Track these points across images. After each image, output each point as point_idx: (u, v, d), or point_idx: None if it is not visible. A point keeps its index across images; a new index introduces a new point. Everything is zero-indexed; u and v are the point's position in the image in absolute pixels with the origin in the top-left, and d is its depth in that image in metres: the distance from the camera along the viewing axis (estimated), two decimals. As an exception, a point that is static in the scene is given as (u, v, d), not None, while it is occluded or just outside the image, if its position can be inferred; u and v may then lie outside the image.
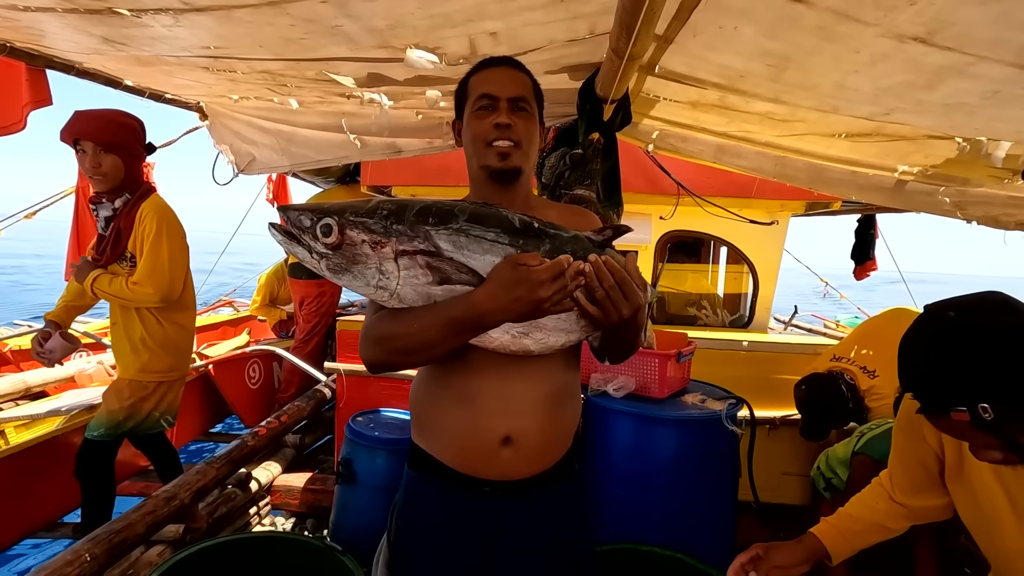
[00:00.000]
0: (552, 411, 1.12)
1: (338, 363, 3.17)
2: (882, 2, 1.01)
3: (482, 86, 1.14)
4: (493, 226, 0.91)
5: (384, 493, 2.56)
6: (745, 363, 2.99)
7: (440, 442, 1.13)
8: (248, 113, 2.83)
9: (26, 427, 2.60)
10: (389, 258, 0.89)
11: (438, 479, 1.13)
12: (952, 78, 1.25)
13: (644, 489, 2.08)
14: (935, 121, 1.60)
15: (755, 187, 3.30)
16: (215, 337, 5.65)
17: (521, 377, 1.08)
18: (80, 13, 1.20)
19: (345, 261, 0.90)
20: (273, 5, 1.15)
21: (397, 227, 0.89)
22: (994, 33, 1.02)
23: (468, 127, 1.17)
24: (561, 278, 0.89)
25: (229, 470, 2.64)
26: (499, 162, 1.13)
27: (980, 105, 1.34)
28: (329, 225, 0.89)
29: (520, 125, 1.13)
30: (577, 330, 1.00)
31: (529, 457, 1.11)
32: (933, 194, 2.37)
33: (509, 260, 0.90)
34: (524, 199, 1.22)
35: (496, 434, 1.07)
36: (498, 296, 0.89)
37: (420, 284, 0.91)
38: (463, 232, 0.89)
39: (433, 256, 0.90)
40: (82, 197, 3.34)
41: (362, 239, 0.89)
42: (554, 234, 0.95)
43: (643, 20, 1.17)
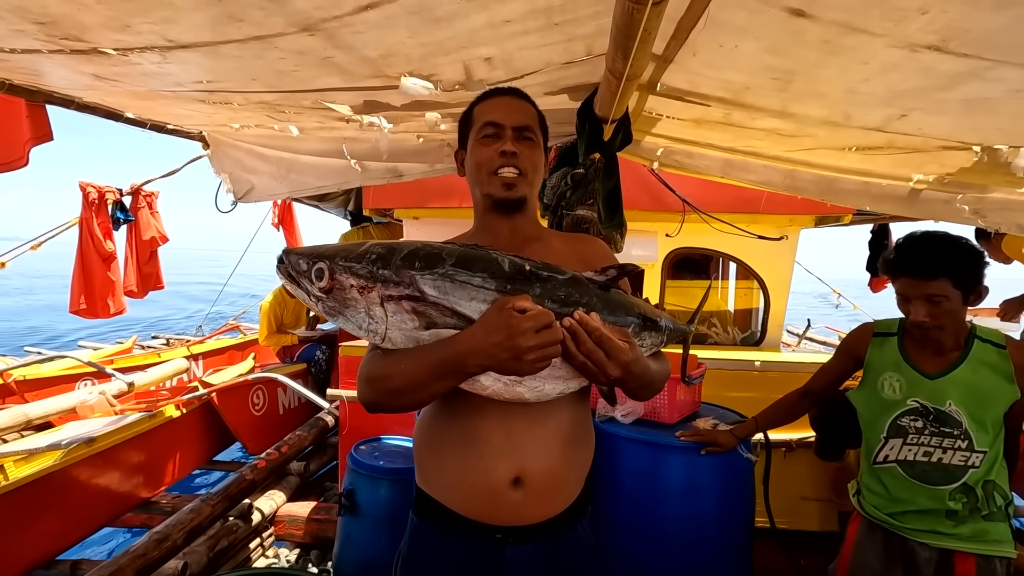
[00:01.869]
0: (562, 450, 1.08)
1: (341, 389, 3.12)
2: (890, 13, 0.96)
3: (487, 114, 1.14)
4: (480, 270, 0.89)
5: (388, 524, 2.50)
6: (758, 384, 2.91)
7: (446, 487, 1.09)
8: (249, 141, 2.82)
9: (25, 461, 2.57)
10: (376, 303, 0.89)
11: (445, 527, 1.09)
12: (970, 82, 1.19)
13: (656, 518, 2.00)
14: (955, 121, 1.53)
15: (763, 202, 3.24)
16: (221, 362, 5.65)
17: (526, 415, 1.04)
18: (67, 54, 1.18)
19: (338, 304, 0.91)
20: (260, 40, 1.13)
21: (383, 272, 0.88)
22: (1011, 37, 0.98)
23: (472, 155, 1.16)
24: (548, 331, 0.85)
25: (225, 507, 2.58)
26: (503, 191, 1.12)
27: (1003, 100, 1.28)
28: (322, 269, 0.91)
29: (525, 154, 1.12)
30: (574, 377, 0.97)
31: (540, 500, 1.06)
32: (951, 202, 2.30)
33: (497, 303, 0.87)
34: (528, 227, 1.20)
35: (504, 474, 1.03)
36: (478, 339, 0.87)
37: (407, 328, 0.90)
38: (448, 277, 0.88)
39: (418, 301, 0.89)
40: (86, 228, 3.34)
41: (350, 284, 0.90)
42: (547, 277, 0.93)
43: (639, 41, 1.13)
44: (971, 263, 1.54)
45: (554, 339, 0.86)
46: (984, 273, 1.56)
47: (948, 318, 1.55)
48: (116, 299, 3.43)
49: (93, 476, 2.86)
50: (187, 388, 3.91)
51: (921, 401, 1.62)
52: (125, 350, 5.74)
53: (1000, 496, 1.57)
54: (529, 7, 1.15)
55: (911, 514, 1.62)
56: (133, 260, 3.88)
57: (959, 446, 1.56)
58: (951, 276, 1.52)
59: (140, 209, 3.79)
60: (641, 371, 0.96)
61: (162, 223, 4.09)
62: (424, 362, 0.91)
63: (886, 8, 0.93)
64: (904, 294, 1.61)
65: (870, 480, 1.73)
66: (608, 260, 1.22)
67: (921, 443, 1.61)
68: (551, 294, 0.91)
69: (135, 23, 1.03)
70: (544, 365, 0.87)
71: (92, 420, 3.18)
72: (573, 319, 0.88)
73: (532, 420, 1.04)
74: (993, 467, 1.56)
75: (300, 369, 4.96)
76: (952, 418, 1.57)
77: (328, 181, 2.86)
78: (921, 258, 1.56)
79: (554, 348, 0.86)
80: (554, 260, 1.12)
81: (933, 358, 1.64)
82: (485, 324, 0.87)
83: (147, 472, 3.25)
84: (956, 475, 1.57)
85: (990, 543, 1.55)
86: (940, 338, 1.60)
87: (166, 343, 6.41)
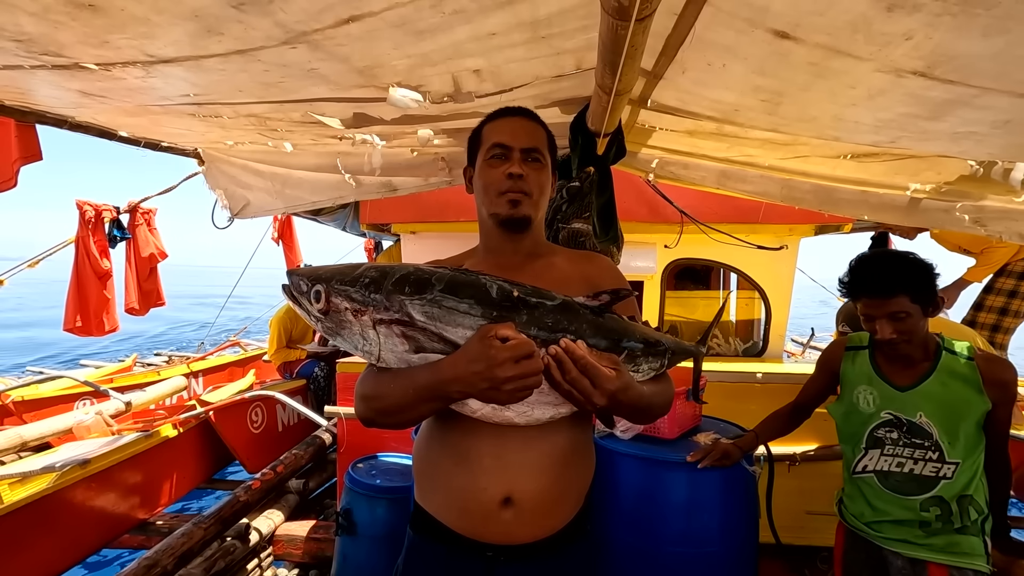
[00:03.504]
0: (555, 471, 1.06)
1: (338, 407, 3.09)
2: (875, 38, 0.95)
3: (496, 135, 1.16)
4: (467, 296, 0.90)
5: (386, 544, 2.45)
6: (760, 396, 2.86)
7: (441, 503, 1.10)
8: (243, 157, 2.82)
9: (20, 484, 2.54)
10: (369, 326, 0.91)
11: (439, 543, 1.09)
12: (958, 109, 1.18)
13: (657, 536, 1.95)
14: (943, 147, 1.53)
15: (762, 212, 3.21)
16: (222, 379, 5.62)
17: (519, 436, 1.03)
18: (49, 69, 1.18)
19: (334, 325, 0.94)
20: (242, 53, 1.12)
21: (375, 296, 0.90)
22: (998, 66, 0.96)
23: (480, 175, 1.18)
24: (528, 361, 0.85)
25: (218, 529, 2.54)
26: (509, 210, 1.13)
27: (991, 134, 1.27)
28: (319, 292, 0.93)
29: (532, 176, 1.13)
30: (564, 403, 0.96)
31: (532, 520, 1.05)
32: (950, 211, 2.27)
33: (480, 331, 0.88)
34: (533, 246, 1.21)
35: (494, 495, 1.03)
36: (459, 367, 0.87)
37: (399, 351, 0.92)
38: (436, 303, 0.89)
39: (407, 326, 0.90)
40: (82, 246, 3.34)
41: (344, 307, 0.92)
42: (536, 303, 0.93)
43: (626, 57, 1.12)
44: (925, 277, 1.60)
45: (533, 369, 0.86)
46: (937, 284, 1.62)
47: (913, 332, 1.60)
48: (110, 317, 3.42)
49: (88, 498, 2.82)
50: (185, 407, 3.88)
51: (894, 413, 1.68)
52: (125, 368, 5.73)
53: (975, 511, 1.60)
54: (514, 20, 1.14)
55: (887, 523, 1.68)
56: (133, 278, 3.88)
57: (930, 457, 1.61)
58: (908, 292, 1.58)
59: (138, 226, 3.80)
60: (633, 398, 0.95)
61: (161, 240, 4.09)
62: (410, 385, 0.92)
63: (870, 33, 0.92)
64: (867, 314, 1.65)
65: (851, 489, 1.80)
66: (614, 277, 1.22)
67: (895, 454, 1.67)
68: (539, 321, 0.91)
69: (112, 39, 1.02)
70: (524, 395, 0.88)
71: (89, 441, 3.15)
72: (559, 347, 0.88)
73: (525, 441, 1.04)
74: (971, 482, 1.61)
75: (299, 385, 4.92)
76: (923, 430, 1.63)
77: (323, 196, 2.85)
78: (878, 278, 1.62)
79: (534, 378, 0.86)
80: (557, 279, 1.14)
81: (904, 370, 1.69)
82: (466, 352, 0.87)
83: (144, 493, 3.21)
84: (927, 485, 1.61)
85: (962, 555, 1.59)
86: (909, 352, 1.66)
87: (167, 360, 6.39)
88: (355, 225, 4.71)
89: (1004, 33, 0.85)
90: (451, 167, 2.52)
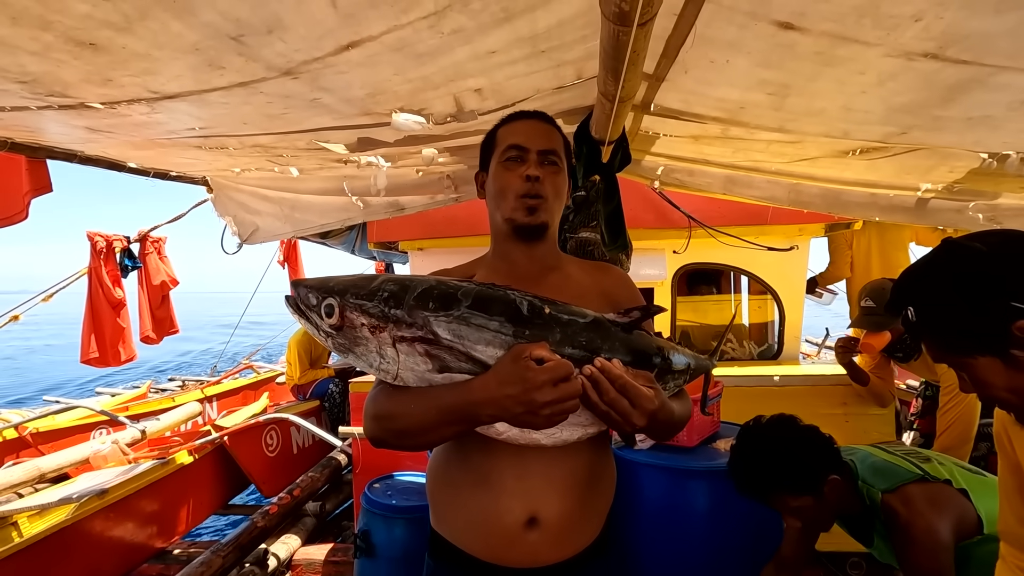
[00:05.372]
0: (580, 489, 1.03)
1: (352, 427, 3.07)
2: (882, 21, 0.93)
3: (511, 137, 1.11)
4: (497, 313, 0.84)
5: (405, 565, 2.42)
6: (779, 398, 2.81)
7: (460, 529, 1.06)
8: (251, 183, 2.85)
9: (39, 516, 2.54)
10: (388, 343, 0.85)
11: (461, 570, 1.05)
12: (972, 91, 1.15)
13: (680, 547, 1.91)
14: (957, 137, 1.49)
15: (770, 213, 3.18)
16: (236, 403, 5.63)
17: (542, 456, 0.99)
18: (55, 110, 1.19)
19: (348, 342, 0.88)
20: (244, 86, 1.13)
21: (395, 312, 0.84)
22: (1014, 42, 0.93)
23: (495, 179, 1.12)
24: (566, 384, 0.80)
25: (237, 556, 2.52)
26: (525, 216, 1.07)
27: (1006, 117, 1.24)
28: (331, 306, 0.87)
29: (549, 179, 1.09)
30: (594, 423, 0.92)
31: (556, 540, 1.02)
32: (963, 210, 2.24)
33: (513, 351, 0.82)
34: (548, 256, 1.16)
35: (518, 516, 0.99)
36: (491, 389, 0.82)
37: (420, 370, 0.86)
38: (464, 320, 0.83)
39: (432, 344, 0.84)
40: (95, 277, 3.38)
41: (361, 323, 0.86)
42: (568, 321, 0.87)
43: (628, 62, 1.11)
44: (797, 468, 1.49)
45: (572, 392, 0.81)
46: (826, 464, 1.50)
47: (819, 517, 1.52)
48: (127, 346, 3.45)
49: (106, 528, 2.82)
50: (200, 432, 3.89)
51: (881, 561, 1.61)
52: (140, 396, 5.76)
53: None
54: (513, 36, 1.14)
55: None
56: (146, 306, 3.91)
57: None
58: (784, 490, 1.50)
59: (148, 255, 3.83)
60: (666, 416, 0.92)
61: (171, 267, 4.12)
62: (434, 406, 0.87)
63: (878, 16, 0.90)
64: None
65: None
66: (629, 289, 1.19)
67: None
68: (571, 340, 0.86)
69: (116, 76, 1.03)
70: (561, 419, 0.83)
71: (106, 470, 3.15)
72: (594, 367, 0.83)
73: (548, 460, 1.00)
74: None
75: (313, 407, 4.92)
76: None
77: (331, 218, 2.87)
78: (747, 488, 1.56)
79: (572, 402, 0.81)
80: (575, 292, 1.10)
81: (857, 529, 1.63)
82: (499, 374, 0.82)
83: (161, 521, 3.21)
84: None
85: None
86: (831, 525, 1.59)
87: (181, 386, 6.42)
88: (363, 247, 4.73)
89: (1019, 8, 0.82)
90: (457, 185, 2.52)
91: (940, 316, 0.92)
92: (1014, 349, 0.84)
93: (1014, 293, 0.83)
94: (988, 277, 0.86)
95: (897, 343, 2.59)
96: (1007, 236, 0.89)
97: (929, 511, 1.39)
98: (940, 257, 0.94)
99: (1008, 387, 0.88)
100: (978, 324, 0.87)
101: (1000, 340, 0.85)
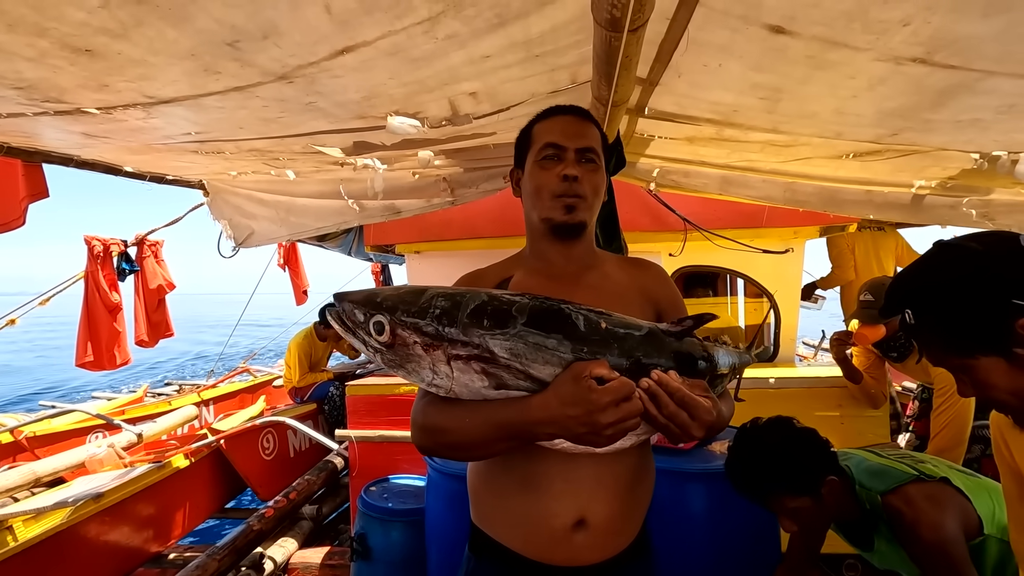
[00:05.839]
0: (625, 491, 1.03)
1: (349, 430, 3.07)
2: (872, 26, 0.94)
3: (548, 135, 1.08)
4: (555, 331, 0.82)
5: (402, 569, 2.42)
6: (775, 401, 2.81)
7: (505, 528, 1.06)
8: (247, 187, 2.85)
9: (34, 520, 2.54)
10: (442, 361, 0.84)
11: (504, 566, 1.05)
12: (960, 95, 1.16)
13: (679, 549, 1.91)
14: (947, 138, 1.51)
15: (765, 216, 3.19)
16: (233, 406, 5.62)
17: (591, 458, 0.99)
18: (51, 115, 1.19)
19: (399, 358, 0.87)
20: (240, 90, 1.13)
21: (450, 331, 0.82)
22: (1001, 47, 0.94)
23: (531, 177, 1.09)
24: (628, 403, 0.79)
25: (233, 560, 2.51)
26: (564, 215, 1.06)
27: (995, 120, 1.25)
28: (381, 323, 0.86)
29: (587, 177, 1.07)
30: (646, 430, 0.90)
31: (603, 541, 1.03)
32: (956, 207, 2.25)
33: (573, 370, 0.80)
34: (585, 255, 1.15)
35: (566, 519, 1.00)
36: (552, 408, 0.81)
37: (475, 387, 0.85)
38: (521, 338, 0.81)
39: (488, 362, 0.82)
40: (91, 281, 3.37)
41: (414, 340, 0.84)
42: (624, 335, 0.86)
43: (620, 67, 1.12)
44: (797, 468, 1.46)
45: (634, 411, 0.80)
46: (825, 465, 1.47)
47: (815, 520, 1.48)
48: (122, 350, 3.44)
49: (102, 533, 2.81)
50: (196, 436, 3.88)
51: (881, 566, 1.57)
52: (136, 399, 5.74)
53: None
54: (507, 41, 1.15)
55: None
56: (142, 309, 3.90)
57: None
58: (783, 491, 1.46)
59: (146, 259, 3.82)
60: (721, 424, 0.91)
61: (168, 271, 4.12)
62: (490, 422, 0.86)
63: (867, 21, 0.91)
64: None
65: None
66: (667, 287, 1.18)
67: None
68: (629, 354, 0.85)
69: (112, 82, 1.04)
70: (621, 436, 0.82)
71: (101, 474, 3.15)
72: (652, 381, 0.81)
73: (596, 464, 1.00)
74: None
75: (310, 410, 4.92)
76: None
77: (327, 222, 2.87)
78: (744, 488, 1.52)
79: (634, 421, 0.80)
80: (614, 292, 1.10)
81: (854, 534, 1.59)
82: (560, 394, 0.80)
83: (157, 525, 3.20)
84: None
85: None
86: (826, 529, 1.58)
87: (178, 390, 6.41)
88: (360, 250, 4.73)
89: (1005, 12, 0.83)
90: (453, 188, 2.53)
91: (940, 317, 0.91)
92: (1016, 347, 0.84)
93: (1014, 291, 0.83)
94: (987, 275, 0.86)
95: (892, 340, 2.61)
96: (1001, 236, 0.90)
97: (931, 508, 1.38)
98: (935, 258, 0.93)
99: (1010, 389, 0.88)
100: (979, 324, 0.87)
101: (1002, 339, 0.85)
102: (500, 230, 3.34)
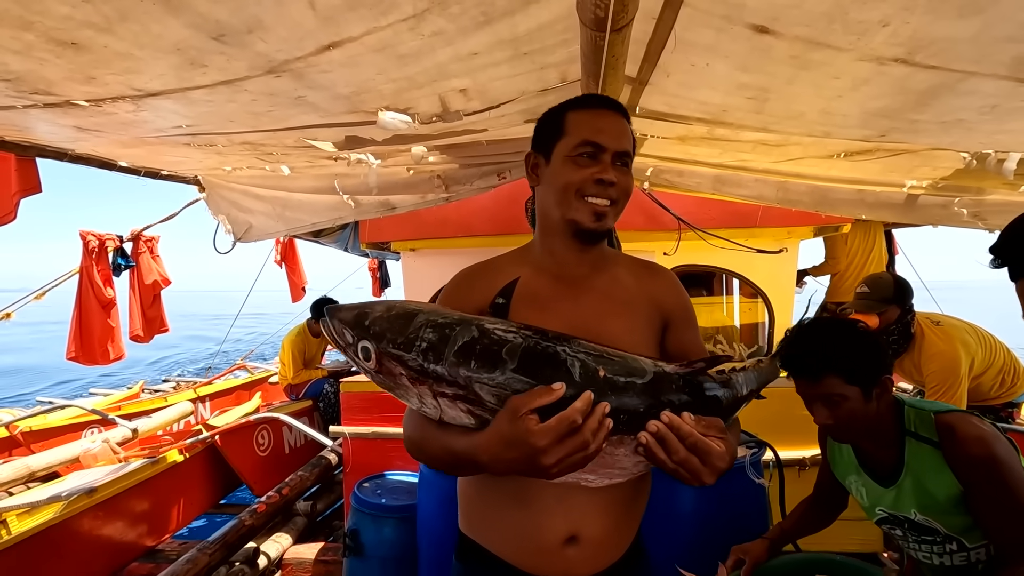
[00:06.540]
0: (619, 509, 1.01)
1: (343, 426, 3.08)
2: (852, 26, 0.94)
3: (587, 130, 0.99)
4: (546, 380, 0.77)
5: (394, 565, 2.43)
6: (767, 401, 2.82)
7: (495, 538, 1.04)
8: (243, 182, 2.86)
9: (28, 514, 2.54)
10: (428, 395, 0.83)
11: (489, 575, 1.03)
12: (943, 96, 1.17)
13: (666, 553, 1.91)
14: (934, 139, 1.52)
15: (759, 216, 3.20)
16: (229, 403, 5.62)
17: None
18: (40, 108, 1.20)
19: (387, 381, 0.87)
20: (228, 84, 1.14)
21: (435, 368, 0.80)
22: (978, 47, 0.95)
23: (561, 172, 1.00)
24: (572, 438, 0.73)
25: (224, 555, 2.52)
26: (592, 222, 0.99)
27: (979, 121, 1.26)
28: (368, 350, 0.85)
29: (621, 182, 1.00)
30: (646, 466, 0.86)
31: (595, 555, 1.01)
32: (948, 206, 2.26)
33: (510, 407, 0.75)
34: (598, 258, 1.10)
35: (557, 534, 0.98)
36: (494, 451, 0.77)
37: (462, 421, 0.83)
38: (509, 385, 0.77)
39: (474, 404, 0.80)
40: (86, 276, 3.37)
41: (400, 372, 0.83)
42: (625, 385, 0.79)
43: (606, 66, 1.13)
44: (862, 353, 1.35)
45: (580, 445, 0.73)
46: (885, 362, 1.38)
47: (853, 419, 1.36)
48: (115, 345, 3.44)
49: (96, 527, 2.82)
50: (191, 432, 3.88)
51: (888, 511, 1.47)
52: (133, 395, 5.75)
53: None
54: (494, 39, 1.15)
55: None
56: (137, 305, 3.90)
57: (951, 549, 1.40)
58: (840, 372, 1.33)
59: (141, 254, 3.82)
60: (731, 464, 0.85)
61: (164, 267, 4.12)
62: (447, 450, 0.87)
63: (847, 22, 0.91)
64: (802, 396, 1.43)
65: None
66: (678, 296, 1.14)
67: (915, 549, 1.47)
68: (627, 407, 0.79)
69: (99, 75, 1.04)
70: (576, 469, 0.77)
71: (96, 469, 3.15)
72: (661, 423, 0.77)
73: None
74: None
75: (306, 407, 4.92)
76: (925, 527, 1.41)
77: (322, 217, 2.87)
78: (803, 356, 1.37)
79: (583, 454, 0.74)
80: (623, 299, 1.06)
81: (880, 458, 1.47)
82: (500, 435, 0.76)
83: (151, 520, 3.20)
84: (971, 571, 1.39)
85: None
86: (856, 439, 1.47)
87: (174, 386, 6.42)
88: (356, 246, 4.74)
89: (979, 13, 0.84)
90: (447, 185, 2.53)
91: None
92: None
93: None
94: None
95: (884, 332, 2.61)
96: None
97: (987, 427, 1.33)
98: None
99: None
100: None
101: None
102: (496, 228, 3.34)
